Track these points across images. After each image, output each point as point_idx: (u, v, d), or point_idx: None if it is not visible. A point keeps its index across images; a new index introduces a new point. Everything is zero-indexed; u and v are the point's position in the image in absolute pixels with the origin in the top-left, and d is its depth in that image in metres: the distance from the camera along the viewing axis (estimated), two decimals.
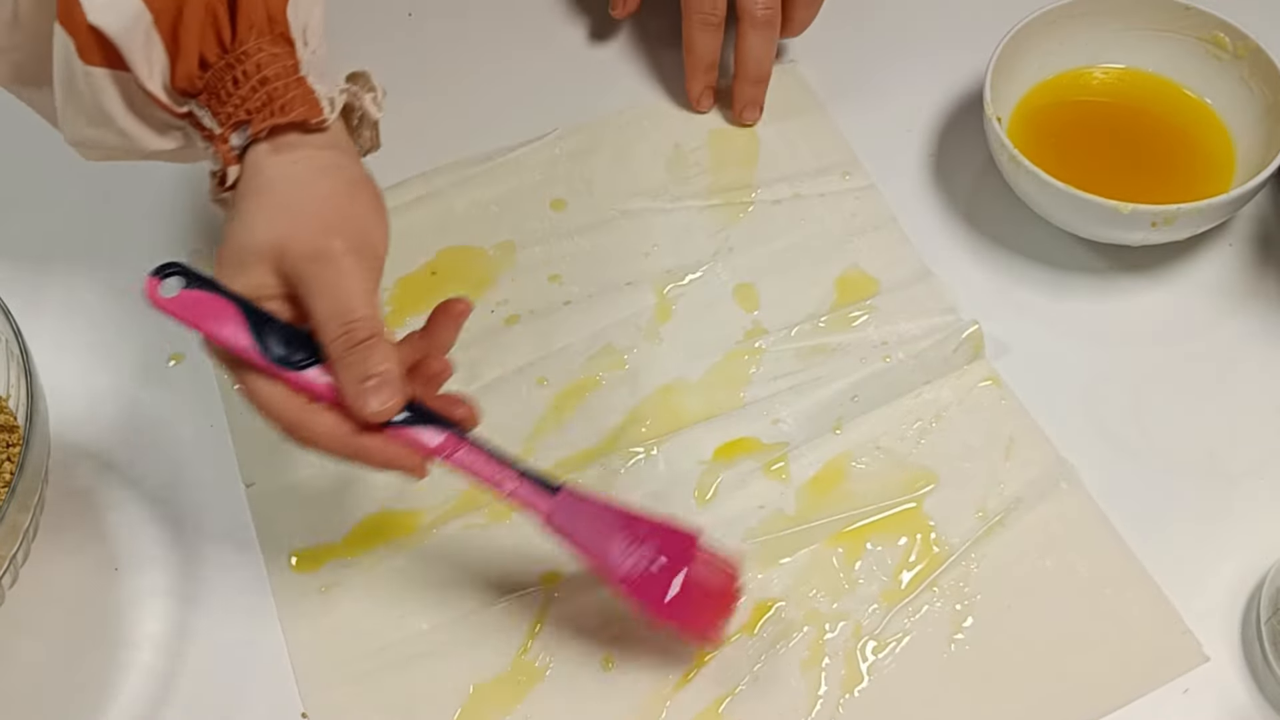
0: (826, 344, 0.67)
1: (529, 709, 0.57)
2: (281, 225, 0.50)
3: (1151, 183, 0.69)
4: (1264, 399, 0.64)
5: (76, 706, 0.58)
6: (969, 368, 0.65)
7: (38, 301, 0.69)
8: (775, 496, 0.62)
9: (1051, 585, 0.59)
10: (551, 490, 0.53)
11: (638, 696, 0.57)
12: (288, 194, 0.51)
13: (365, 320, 0.49)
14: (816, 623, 0.58)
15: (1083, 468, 0.62)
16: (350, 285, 0.49)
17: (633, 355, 0.67)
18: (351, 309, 0.49)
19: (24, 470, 0.54)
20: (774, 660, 0.57)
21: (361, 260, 0.50)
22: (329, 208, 0.51)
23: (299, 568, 0.61)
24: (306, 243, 0.49)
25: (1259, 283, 0.69)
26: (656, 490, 0.62)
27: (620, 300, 0.69)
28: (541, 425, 0.65)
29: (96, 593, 0.60)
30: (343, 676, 0.58)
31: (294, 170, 0.51)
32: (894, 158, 0.74)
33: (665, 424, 0.65)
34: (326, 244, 0.49)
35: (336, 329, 0.49)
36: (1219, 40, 0.70)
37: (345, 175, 0.52)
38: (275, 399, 0.50)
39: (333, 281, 0.49)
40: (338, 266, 0.49)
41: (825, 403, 0.65)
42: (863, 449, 0.63)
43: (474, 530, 0.62)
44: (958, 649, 0.58)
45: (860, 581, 0.59)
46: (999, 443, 0.63)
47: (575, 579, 0.60)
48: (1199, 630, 0.58)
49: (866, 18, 0.81)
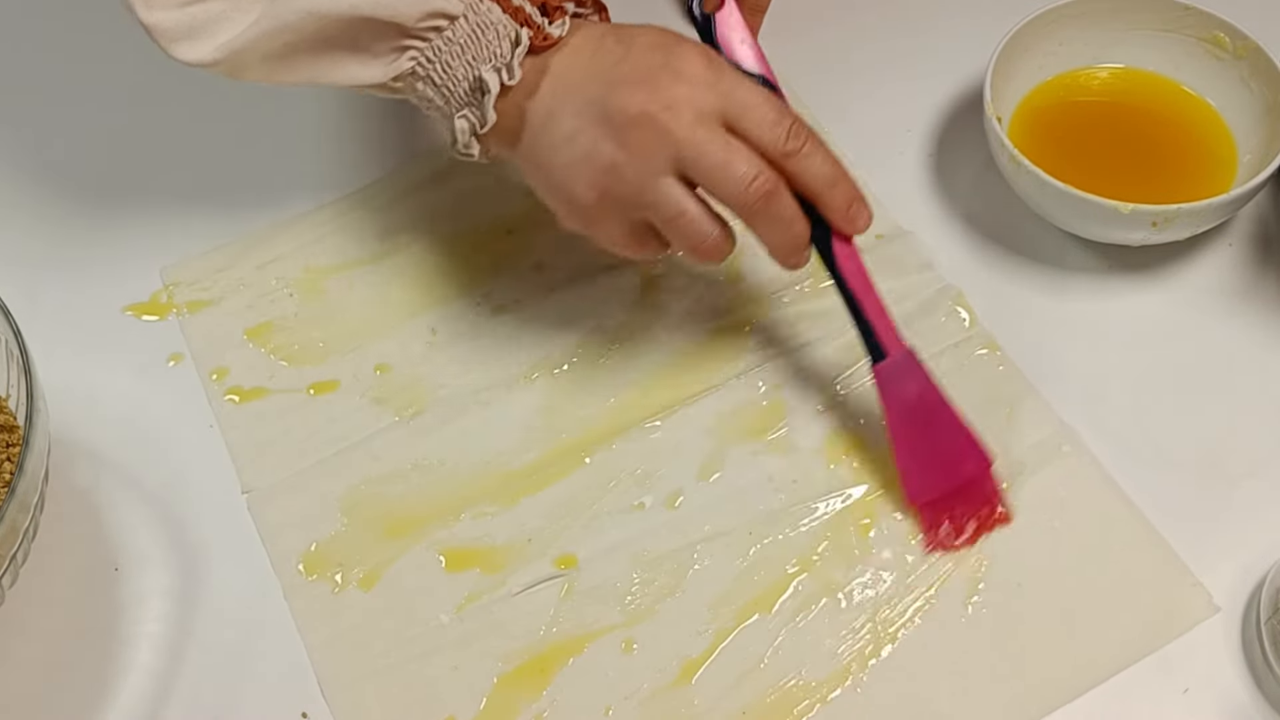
0: (813, 309, 0.68)
1: (555, 693, 0.57)
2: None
3: (1151, 183, 0.69)
4: (1264, 399, 0.64)
5: (76, 706, 0.58)
6: (966, 336, 0.66)
7: (37, 302, 0.69)
8: (782, 469, 0.63)
9: (1061, 546, 0.60)
10: (898, 346, 0.59)
11: (661, 676, 0.57)
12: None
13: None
14: (832, 594, 0.59)
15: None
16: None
17: (624, 334, 0.67)
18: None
19: (24, 470, 0.54)
20: (794, 634, 0.58)
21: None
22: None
23: (308, 571, 0.61)
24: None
25: (1259, 283, 0.69)
26: (661, 465, 0.63)
27: (606, 283, 0.69)
28: (541, 412, 0.65)
29: (96, 593, 0.60)
30: (364, 673, 0.58)
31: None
32: (894, 158, 0.74)
33: (664, 398, 0.65)
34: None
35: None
36: (1219, 40, 0.70)
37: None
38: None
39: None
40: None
41: (821, 370, 0.66)
42: (863, 417, 0.64)
43: (484, 519, 0.62)
44: (974, 612, 0.58)
45: (874, 551, 0.60)
46: (999, 409, 0.64)
47: (591, 560, 0.60)
48: (1199, 629, 0.58)
49: (867, 18, 0.81)
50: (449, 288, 0.69)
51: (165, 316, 0.69)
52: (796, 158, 0.55)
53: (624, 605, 0.59)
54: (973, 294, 0.68)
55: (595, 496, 0.62)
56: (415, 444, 0.64)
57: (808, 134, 0.56)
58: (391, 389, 0.66)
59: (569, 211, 0.58)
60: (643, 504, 0.62)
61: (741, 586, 0.59)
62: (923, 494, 0.60)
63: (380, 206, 0.73)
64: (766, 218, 0.56)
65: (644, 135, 0.54)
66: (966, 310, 0.67)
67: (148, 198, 0.74)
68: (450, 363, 0.67)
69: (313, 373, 0.67)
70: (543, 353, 0.67)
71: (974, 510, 0.60)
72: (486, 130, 0.57)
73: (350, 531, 0.62)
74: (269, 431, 0.65)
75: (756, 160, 0.55)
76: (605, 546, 0.61)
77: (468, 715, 0.57)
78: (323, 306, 0.69)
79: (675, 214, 0.55)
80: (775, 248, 0.57)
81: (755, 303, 0.68)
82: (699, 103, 0.54)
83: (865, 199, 0.57)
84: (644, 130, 0.54)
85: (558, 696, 0.57)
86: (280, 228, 0.72)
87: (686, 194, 0.55)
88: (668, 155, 0.54)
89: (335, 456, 0.64)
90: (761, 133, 0.55)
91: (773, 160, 0.55)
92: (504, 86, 0.56)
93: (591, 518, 0.62)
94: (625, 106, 0.54)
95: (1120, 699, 0.56)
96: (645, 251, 0.59)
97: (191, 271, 0.70)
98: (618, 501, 0.62)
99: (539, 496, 0.62)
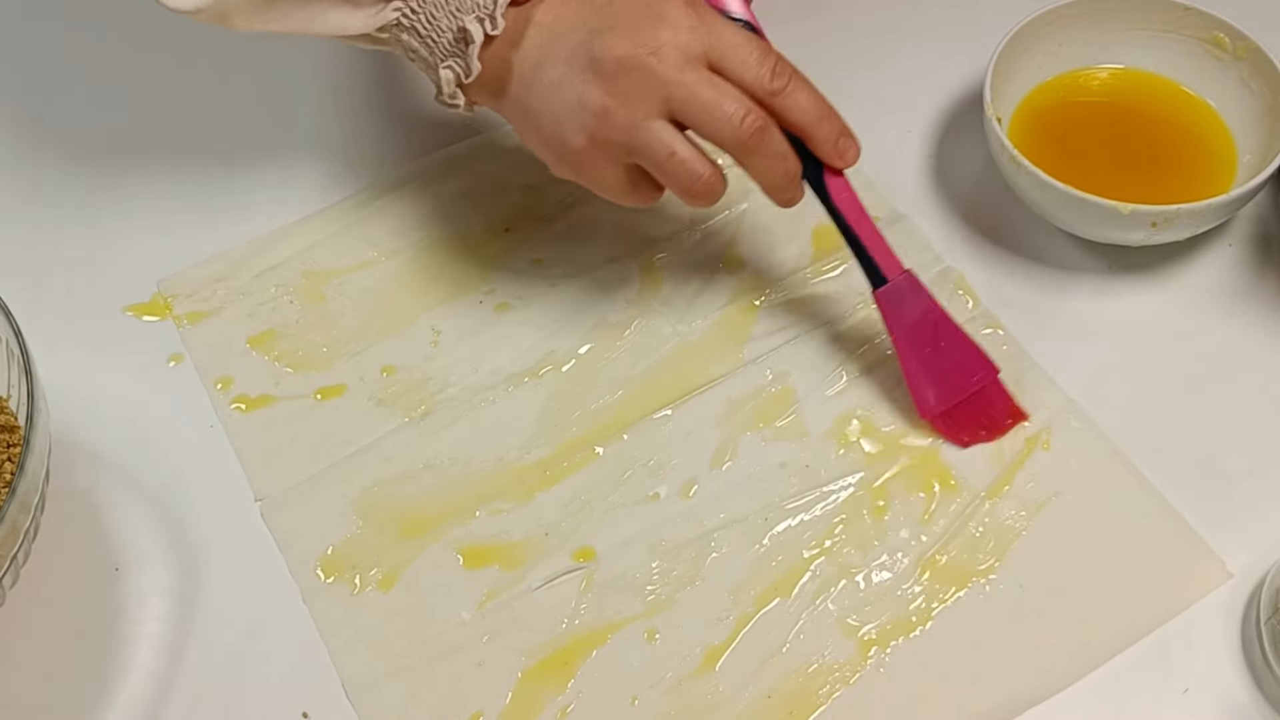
0: (815, 294, 0.68)
1: (580, 685, 0.57)
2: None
3: (1151, 183, 0.69)
4: (1264, 399, 0.64)
5: (76, 706, 0.58)
6: (970, 317, 0.67)
7: (38, 302, 0.69)
8: (794, 453, 0.63)
9: (1074, 519, 0.61)
10: (897, 269, 0.61)
11: (684, 664, 0.58)
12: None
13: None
14: (851, 576, 0.59)
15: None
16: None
17: (628, 326, 0.68)
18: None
19: (24, 471, 0.54)
20: (814, 617, 0.59)
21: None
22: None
23: (325, 574, 0.61)
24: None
25: (1259, 283, 0.69)
26: (674, 454, 0.63)
27: (607, 276, 0.70)
28: (550, 407, 0.65)
29: (96, 593, 0.60)
30: (388, 673, 0.58)
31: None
32: (894, 158, 0.74)
33: (672, 389, 0.65)
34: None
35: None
36: (1219, 40, 0.70)
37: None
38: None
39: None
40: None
41: (827, 354, 0.66)
42: (872, 400, 0.64)
43: (500, 515, 0.62)
44: (992, 589, 0.59)
45: (889, 533, 0.61)
46: (1007, 385, 0.64)
47: (609, 552, 0.61)
48: (1199, 629, 0.58)
49: (866, 17, 0.81)
50: (450, 287, 0.70)
51: (165, 317, 0.69)
52: (782, 95, 0.56)
53: (644, 595, 0.59)
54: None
55: (610, 489, 0.62)
56: (426, 444, 0.64)
57: (791, 72, 0.57)
58: (399, 390, 0.66)
59: (560, 159, 0.59)
60: (657, 494, 0.62)
61: (760, 572, 0.60)
62: (936, 407, 0.62)
63: (377, 209, 0.73)
64: (759, 154, 0.57)
65: (632, 80, 0.55)
66: (968, 293, 0.68)
67: (150, 198, 0.73)
68: (456, 361, 0.67)
69: (318, 378, 0.67)
70: (548, 348, 0.67)
71: (987, 415, 0.63)
72: (470, 80, 0.58)
73: (366, 534, 0.62)
74: (278, 438, 0.65)
75: (745, 99, 0.56)
76: (623, 538, 0.61)
77: (494, 711, 0.57)
78: (324, 311, 0.69)
79: (666, 155, 0.56)
80: (769, 184, 0.58)
81: (758, 290, 0.69)
82: (684, 46, 0.55)
83: (852, 132, 0.59)
84: (631, 75, 0.55)
85: (583, 688, 0.57)
86: (277, 234, 0.72)
87: (676, 135, 0.56)
88: (657, 98, 0.55)
89: (347, 460, 0.64)
90: (746, 72, 0.56)
91: (759, 99, 0.56)
92: (488, 37, 0.57)
93: (607, 510, 0.62)
94: (612, 52, 0.55)
95: (1120, 699, 0.56)
96: (639, 197, 0.60)
97: (189, 282, 0.70)
98: (632, 493, 0.62)
99: (553, 491, 0.63)
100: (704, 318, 0.68)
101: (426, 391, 0.66)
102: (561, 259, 0.70)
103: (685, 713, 0.57)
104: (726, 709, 0.57)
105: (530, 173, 0.74)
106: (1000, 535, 0.60)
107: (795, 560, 0.60)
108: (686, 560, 0.60)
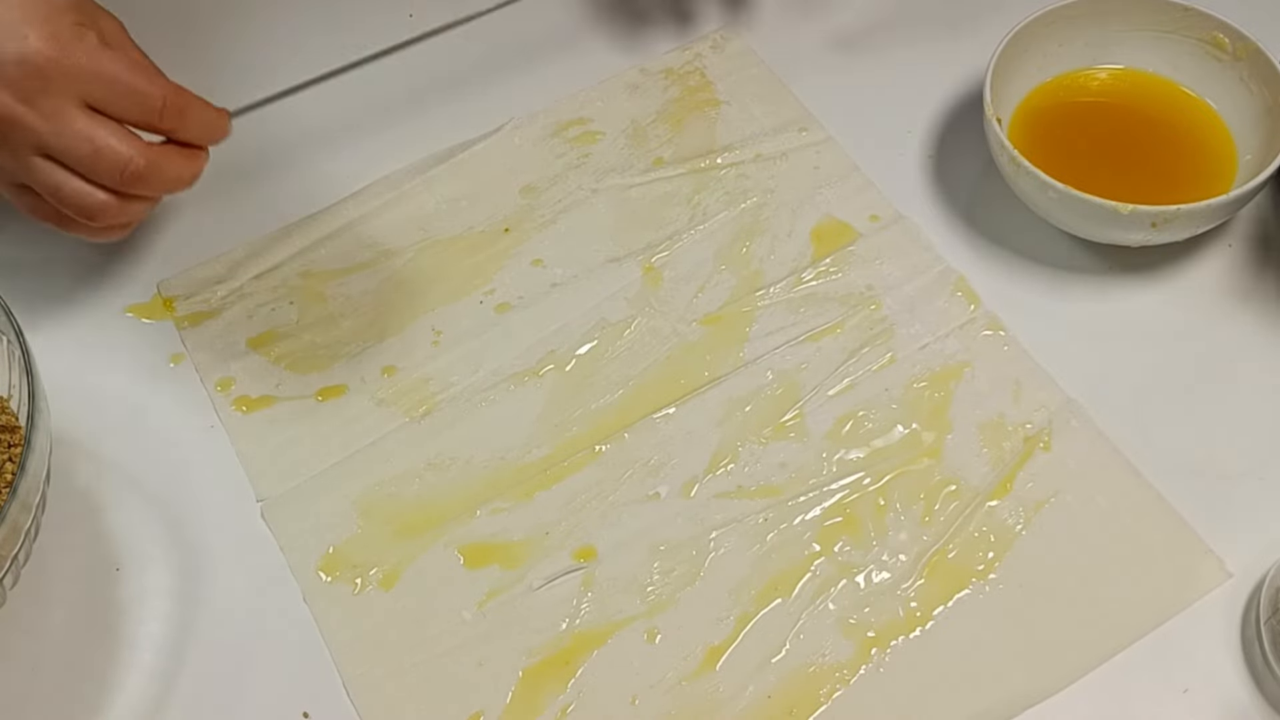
0: (815, 294, 0.68)
1: (581, 685, 0.58)
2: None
3: (1151, 183, 0.69)
4: (1264, 399, 0.65)
5: (76, 706, 0.58)
6: (970, 318, 0.67)
7: (40, 302, 0.69)
8: (795, 454, 0.63)
9: (1073, 519, 0.61)
10: None
11: (685, 664, 0.58)
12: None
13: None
14: (851, 576, 0.60)
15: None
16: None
17: (628, 326, 0.68)
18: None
19: (25, 471, 0.54)
20: (814, 617, 0.59)
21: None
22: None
23: (327, 574, 0.61)
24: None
25: (1259, 283, 0.69)
26: (674, 454, 0.63)
27: (607, 276, 0.70)
28: (551, 406, 0.65)
29: (96, 593, 0.60)
30: (390, 672, 0.58)
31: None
32: (894, 158, 0.74)
33: (673, 389, 0.65)
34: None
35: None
36: (1219, 41, 0.70)
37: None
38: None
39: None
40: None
41: (827, 354, 0.66)
42: (873, 401, 0.64)
43: (501, 515, 0.62)
44: (991, 589, 0.59)
45: (889, 533, 0.61)
46: (1006, 387, 0.64)
47: (610, 552, 0.61)
48: (1199, 629, 0.58)
49: (866, 18, 0.81)
50: (450, 288, 0.70)
51: (166, 318, 0.69)
52: (174, 133, 0.55)
53: (645, 595, 0.60)
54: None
55: (610, 488, 0.63)
56: (427, 444, 0.64)
57: (179, 108, 0.54)
58: (399, 390, 0.66)
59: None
60: (658, 494, 0.62)
61: (760, 572, 0.60)
62: None
63: (375, 210, 0.73)
64: (153, 187, 0.55)
65: (4, 130, 0.52)
66: (968, 294, 0.68)
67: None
68: (456, 361, 0.67)
69: (319, 379, 0.67)
70: (548, 348, 0.67)
71: None
72: None
73: (367, 533, 0.62)
74: (279, 439, 0.65)
75: (127, 142, 0.53)
76: (623, 537, 0.61)
77: (495, 710, 0.57)
78: (324, 312, 0.69)
79: (53, 188, 0.54)
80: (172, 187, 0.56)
81: (758, 291, 0.69)
82: (54, 89, 0.51)
83: (225, 112, 0.57)
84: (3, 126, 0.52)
85: (584, 688, 0.57)
86: (277, 235, 0.72)
87: (59, 167, 0.53)
88: (32, 145, 0.52)
89: (348, 460, 0.64)
90: (128, 115, 0.53)
91: (147, 128, 0.54)
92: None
93: (608, 509, 0.62)
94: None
95: (1120, 699, 0.56)
96: (44, 217, 0.57)
97: (190, 283, 0.70)
98: (633, 492, 0.62)
99: (554, 490, 0.63)
100: (704, 318, 0.68)
101: (427, 391, 0.66)
102: (561, 259, 0.71)
103: (686, 712, 0.57)
104: (727, 709, 0.57)
105: (530, 173, 0.74)
106: (1000, 535, 0.60)
107: (796, 560, 0.60)
108: (687, 560, 0.60)
